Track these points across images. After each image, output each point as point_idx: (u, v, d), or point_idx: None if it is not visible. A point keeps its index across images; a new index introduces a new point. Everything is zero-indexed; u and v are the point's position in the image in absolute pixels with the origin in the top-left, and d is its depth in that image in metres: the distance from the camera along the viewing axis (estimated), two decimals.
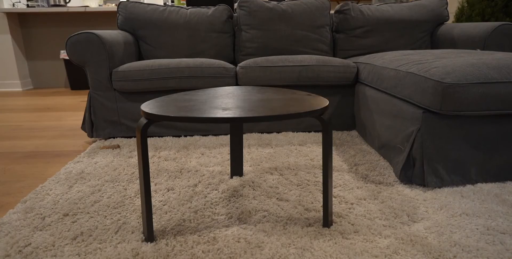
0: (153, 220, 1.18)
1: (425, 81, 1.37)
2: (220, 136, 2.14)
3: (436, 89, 1.32)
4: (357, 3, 2.54)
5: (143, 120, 1.03)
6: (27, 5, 4.32)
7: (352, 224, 1.16)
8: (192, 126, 2.15)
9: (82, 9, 4.29)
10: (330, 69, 2.08)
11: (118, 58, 2.15)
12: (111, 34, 2.18)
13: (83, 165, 1.71)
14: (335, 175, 1.54)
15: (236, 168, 1.54)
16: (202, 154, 1.83)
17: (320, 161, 1.70)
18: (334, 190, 1.40)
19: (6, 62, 4.39)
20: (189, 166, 1.68)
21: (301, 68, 2.06)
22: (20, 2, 4.43)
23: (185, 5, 3.27)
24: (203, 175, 1.57)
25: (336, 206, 1.28)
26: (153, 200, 1.34)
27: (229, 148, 1.57)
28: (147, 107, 1.06)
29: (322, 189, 1.29)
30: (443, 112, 1.34)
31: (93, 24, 4.46)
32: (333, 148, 1.86)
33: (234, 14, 2.60)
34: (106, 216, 1.24)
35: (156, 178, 1.55)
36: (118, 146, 1.99)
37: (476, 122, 1.39)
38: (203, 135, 2.18)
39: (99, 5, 4.71)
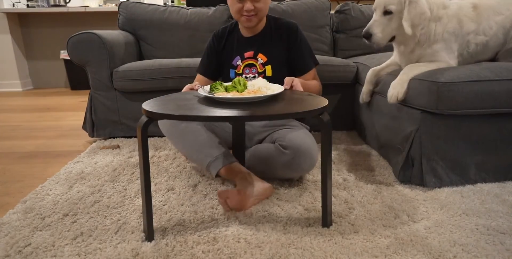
0: (153, 220, 1.18)
1: (420, 83, 1.38)
2: None
3: (430, 89, 1.33)
4: (357, 3, 2.54)
5: (144, 118, 1.04)
6: (27, 5, 4.32)
7: (352, 224, 1.16)
8: None
9: (82, 9, 4.29)
10: (330, 69, 2.07)
11: (118, 58, 2.15)
12: (111, 34, 2.18)
13: (83, 165, 1.71)
14: (334, 175, 1.54)
15: None
16: None
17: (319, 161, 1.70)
18: (333, 190, 1.40)
19: (6, 62, 4.38)
20: (189, 166, 1.68)
21: None
22: (20, 2, 4.43)
23: (185, 5, 3.27)
24: (203, 175, 1.57)
25: (336, 206, 1.28)
26: (153, 200, 1.34)
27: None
28: (148, 105, 1.07)
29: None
30: (440, 112, 1.34)
31: (93, 24, 4.46)
32: (333, 148, 1.86)
33: None
34: (106, 216, 1.24)
35: (156, 178, 1.55)
36: (118, 146, 1.99)
37: (474, 121, 1.38)
38: None
39: (99, 5, 4.71)
